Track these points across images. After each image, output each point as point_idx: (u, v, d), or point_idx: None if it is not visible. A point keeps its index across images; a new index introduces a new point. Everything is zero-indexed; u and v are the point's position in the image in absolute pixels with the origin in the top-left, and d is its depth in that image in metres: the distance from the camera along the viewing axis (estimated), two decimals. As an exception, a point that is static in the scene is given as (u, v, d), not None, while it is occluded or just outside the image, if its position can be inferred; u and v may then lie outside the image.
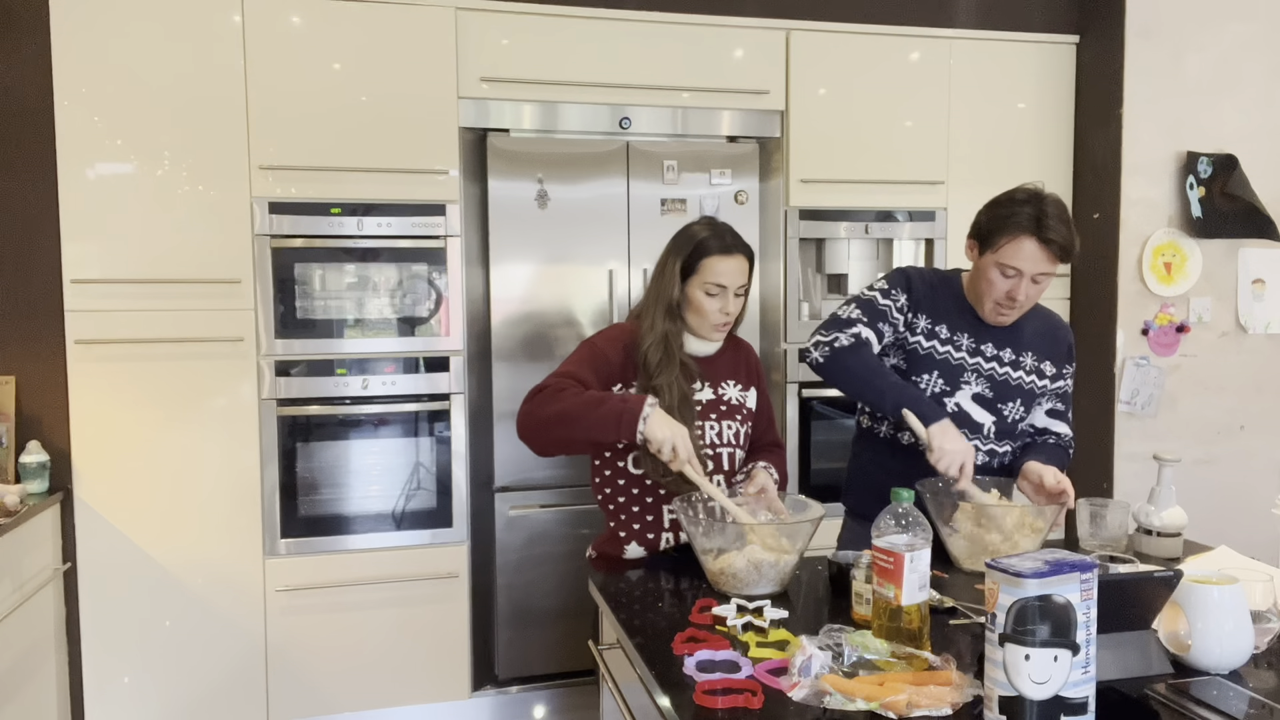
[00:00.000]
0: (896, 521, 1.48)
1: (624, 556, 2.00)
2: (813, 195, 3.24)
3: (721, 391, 2.05)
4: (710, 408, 2.03)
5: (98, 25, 2.69)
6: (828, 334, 2.01)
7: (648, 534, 1.99)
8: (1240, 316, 3.37)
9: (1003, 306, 1.99)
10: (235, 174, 2.80)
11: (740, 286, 2.00)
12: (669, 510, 1.98)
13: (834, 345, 1.99)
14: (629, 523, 2.00)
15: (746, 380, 2.11)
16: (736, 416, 2.05)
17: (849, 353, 1.98)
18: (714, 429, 2.02)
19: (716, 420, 2.02)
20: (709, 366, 2.06)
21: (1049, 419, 2.15)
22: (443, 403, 2.98)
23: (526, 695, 3.13)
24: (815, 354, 2.00)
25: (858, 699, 1.23)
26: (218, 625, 2.85)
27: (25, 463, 2.68)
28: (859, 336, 2.00)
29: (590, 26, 3.04)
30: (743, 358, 2.14)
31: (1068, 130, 3.46)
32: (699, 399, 2.01)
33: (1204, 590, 1.37)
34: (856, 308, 2.04)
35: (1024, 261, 1.92)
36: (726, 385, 2.07)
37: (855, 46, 3.24)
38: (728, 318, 2.00)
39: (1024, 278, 1.93)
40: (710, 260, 1.96)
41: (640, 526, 1.99)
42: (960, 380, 2.04)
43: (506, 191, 3.05)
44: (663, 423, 1.81)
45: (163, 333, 2.76)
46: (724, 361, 2.09)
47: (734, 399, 2.06)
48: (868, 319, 2.02)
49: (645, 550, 1.99)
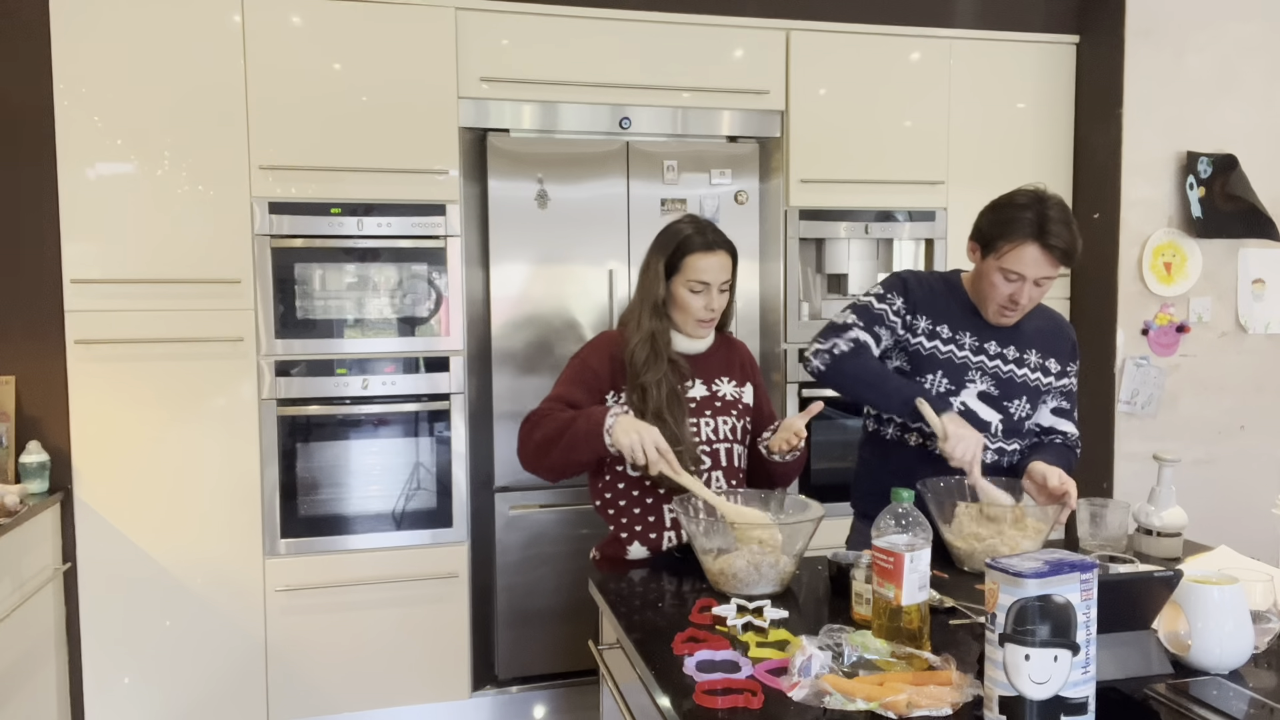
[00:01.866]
0: (896, 521, 1.48)
1: (627, 558, 2.00)
2: (813, 195, 3.24)
3: (716, 388, 2.06)
4: (705, 404, 2.04)
5: (98, 25, 2.69)
6: (826, 341, 2.02)
7: (650, 534, 1.99)
8: (1240, 316, 3.37)
9: (1005, 309, 1.99)
10: (235, 174, 2.80)
11: (723, 282, 2.01)
12: (669, 509, 1.98)
13: (833, 352, 2.00)
14: (630, 524, 2.01)
15: (741, 376, 2.13)
16: (732, 412, 2.06)
17: (849, 358, 1.99)
18: (709, 425, 2.03)
19: (712, 416, 2.03)
20: (701, 363, 2.08)
21: (1055, 418, 2.15)
22: (443, 403, 2.98)
23: (526, 695, 3.13)
24: (815, 362, 2.02)
25: (858, 699, 1.23)
26: (218, 625, 2.85)
27: (25, 463, 2.68)
28: (857, 341, 2.01)
29: (590, 26, 3.04)
30: (736, 355, 2.16)
31: (1067, 130, 3.46)
32: (692, 396, 2.03)
33: (1204, 590, 1.37)
34: (852, 313, 2.06)
35: (1026, 267, 1.92)
36: (720, 382, 2.08)
37: (855, 46, 3.24)
38: (712, 314, 2.02)
39: (1026, 282, 1.94)
40: (693, 258, 1.99)
41: (642, 527, 2.00)
42: (965, 379, 2.04)
43: (506, 191, 3.05)
44: (628, 429, 1.83)
45: (163, 333, 2.76)
46: (716, 358, 2.10)
47: (729, 395, 2.07)
48: (864, 323, 2.04)
49: (649, 550, 1.99)
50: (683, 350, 2.06)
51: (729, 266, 2.03)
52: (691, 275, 1.98)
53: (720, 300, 2.02)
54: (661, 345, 2.00)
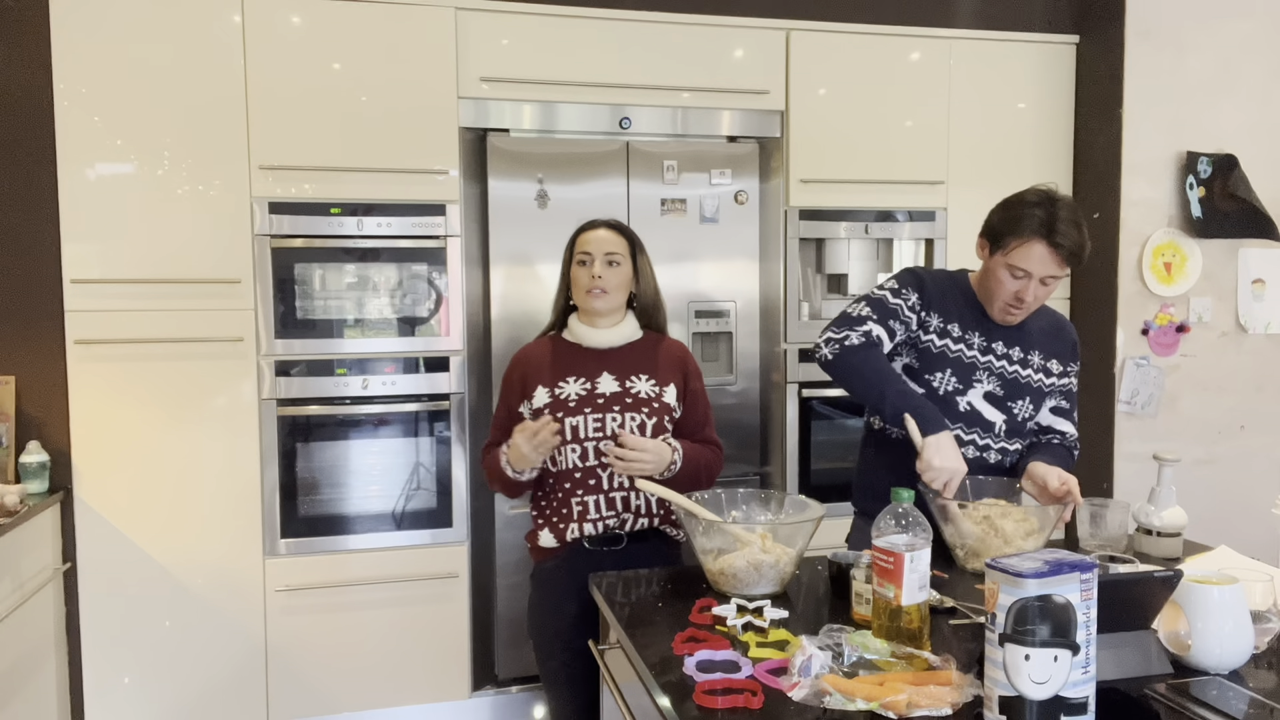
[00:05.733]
0: (896, 521, 1.48)
1: (539, 544, 2.07)
2: (813, 195, 3.24)
3: (630, 385, 2.08)
4: (615, 399, 2.06)
5: (98, 25, 2.69)
6: (839, 331, 2.00)
7: (559, 524, 2.05)
8: (1240, 316, 3.37)
9: (1011, 307, 1.99)
10: (235, 174, 2.80)
11: (608, 254, 2.09)
12: (576, 502, 2.03)
13: (844, 343, 1.98)
14: (541, 513, 2.09)
15: (664, 376, 2.12)
16: (643, 410, 2.06)
17: (858, 351, 1.97)
18: (615, 420, 2.04)
19: (620, 412, 2.05)
20: (615, 359, 2.10)
21: (1054, 417, 2.15)
22: (443, 403, 2.98)
23: (526, 695, 3.13)
24: (825, 350, 2.00)
25: (858, 699, 1.23)
26: (218, 625, 2.85)
27: (25, 463, 2.68)
28: (870, 335, 1.99)
29: (590, 26, 3.05)
30: (663, 354, 2.15)
31: (1068, 130, 3.46)
32: (602, 391, 2.06)
33: (1204, 590, 1.37)
34: (867, 305, 2.04)
35: (1033, 264, 1.92)
36: (637, 379, 2.09)
37: (855, 46, 3.24)
38: (596, 281, 2.07)
39: (1032, 280, 1.93)
40: (579, 237, 2.14)
41: (557, 518, 2.06)
42: (972, 379, 2.04)
43: (506, 191, 3.05)
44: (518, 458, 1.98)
45: (163, 333, 2.76)
46: (635, 355, 2.12)
47: (644, 392, 2.08)
48: (878, 317, 2.02)
49: (556, 540, 2.05)
50: (595, 344, 2.10)
51: (617, 241, 2.12)
52: (577, 250, 2.12)
53: (610, 273, 2.08)
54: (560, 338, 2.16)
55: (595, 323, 2.11)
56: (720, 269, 3.24)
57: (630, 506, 2.04)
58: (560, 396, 2.04)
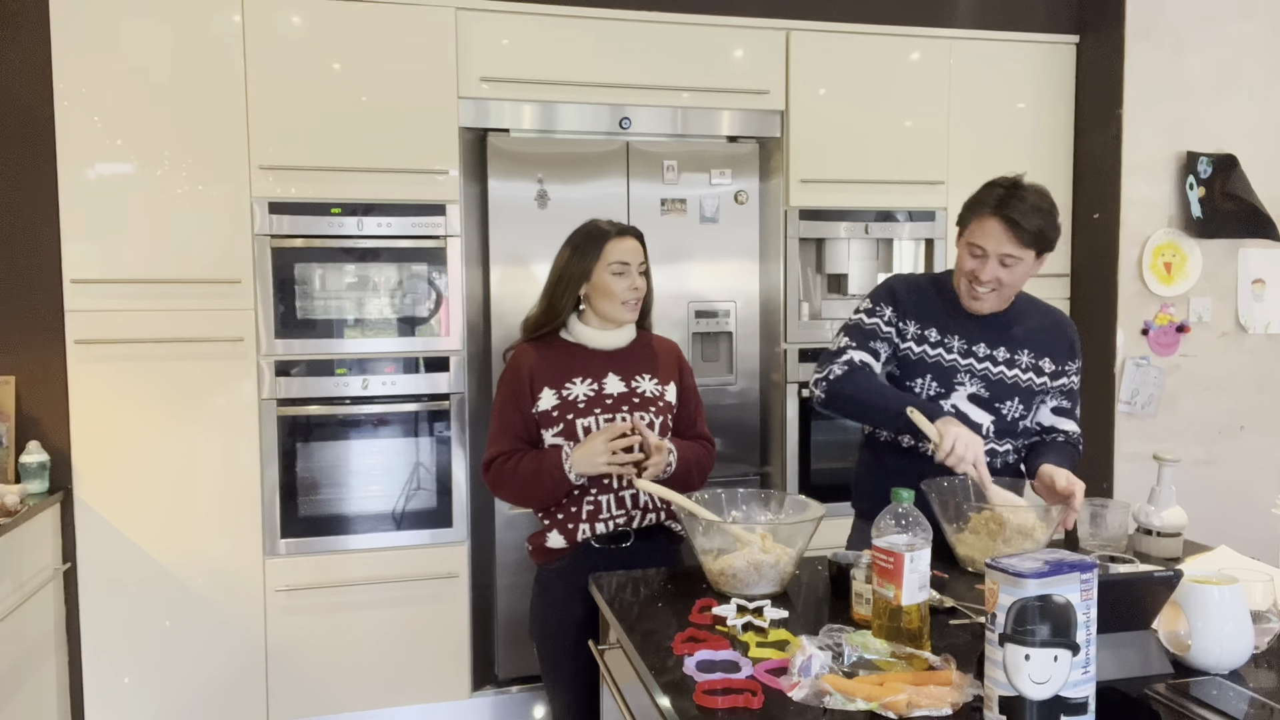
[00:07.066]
0: (896, 521, 1.48)
1: (547, 545, 2.05)
2: (813, 195, 3.24)
3: (635, 384, 2.09)
4: (623, 399, 2.06)
5: (98, 25, 2.69)
6: (823, 369, 2.06)
7: (567, 524, 2.03)
8: (1240, 316, 3.37)
9: (973, 287, 2.00)
10: (235, 174, 2.80)
11: (641, 265, 2.09)
12: (589, 502, 2.02)
13: (829, 378, 2.03)
14: (550, 514, 2.07)
15: (664, 375, 2.14)
16: (650, 409, 2.07)
17: (844, 380, 2.01)
18: (625, 421, 2.04)
19: (629, 412, 2.05)
20: (619, 359, 2.11)
21: (1055, 416, 2.14)
22: (443, 403, 2.98)
23: (526, 695, 3.13)
24: (816, 392, 2.06)
25: (858, 699, 1.23)
26: (217, 625, 2.85)
27: (25, 463, 2.68)
28: (852, 362, 2.03)
29: (590, 26, 3.04)
30: (660, 353, 2.17)
31: (1067, 130, 3.46)
32: (609, 392, 2.06)
33: (1204, 590, 1.37)
34: (845, 335, 2.10)
35: (988, 240, 1.94)
36: (641, 379, 2.10)
37: (855, 46, 3.24)
38: (636, 293, 2.07)
39: (990, 258, 1.95)
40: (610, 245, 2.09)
41: (563, 516, 2.04)
42: (954, 382, 2.05)
43: (506, 191, 3.05)
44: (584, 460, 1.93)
45: (163, 333, 2.76)
46: (636, 355, 2.13)
47: (649, 392, 2.09)
48: (857, 343, 2.06)
49: (565, 541, 2.03)
50: (602, 346, 2.10)
51: (643, 251, 2.11)
52: (615, 257, 2.07)
53: (643, 283, 2.08)
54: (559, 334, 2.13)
55: (604, 325, 2.11)
56: (720, 269, 3.24)
57: (639, 504, 2.04)
58: (568, 398, 2.03)
